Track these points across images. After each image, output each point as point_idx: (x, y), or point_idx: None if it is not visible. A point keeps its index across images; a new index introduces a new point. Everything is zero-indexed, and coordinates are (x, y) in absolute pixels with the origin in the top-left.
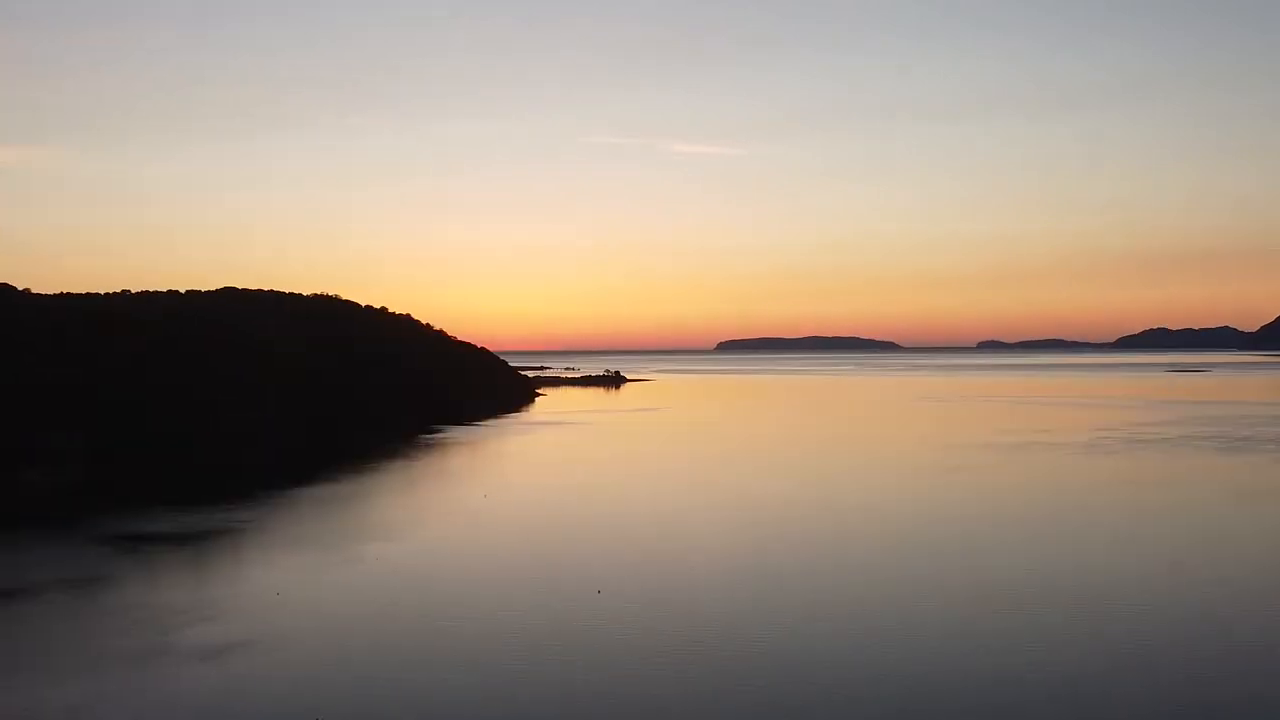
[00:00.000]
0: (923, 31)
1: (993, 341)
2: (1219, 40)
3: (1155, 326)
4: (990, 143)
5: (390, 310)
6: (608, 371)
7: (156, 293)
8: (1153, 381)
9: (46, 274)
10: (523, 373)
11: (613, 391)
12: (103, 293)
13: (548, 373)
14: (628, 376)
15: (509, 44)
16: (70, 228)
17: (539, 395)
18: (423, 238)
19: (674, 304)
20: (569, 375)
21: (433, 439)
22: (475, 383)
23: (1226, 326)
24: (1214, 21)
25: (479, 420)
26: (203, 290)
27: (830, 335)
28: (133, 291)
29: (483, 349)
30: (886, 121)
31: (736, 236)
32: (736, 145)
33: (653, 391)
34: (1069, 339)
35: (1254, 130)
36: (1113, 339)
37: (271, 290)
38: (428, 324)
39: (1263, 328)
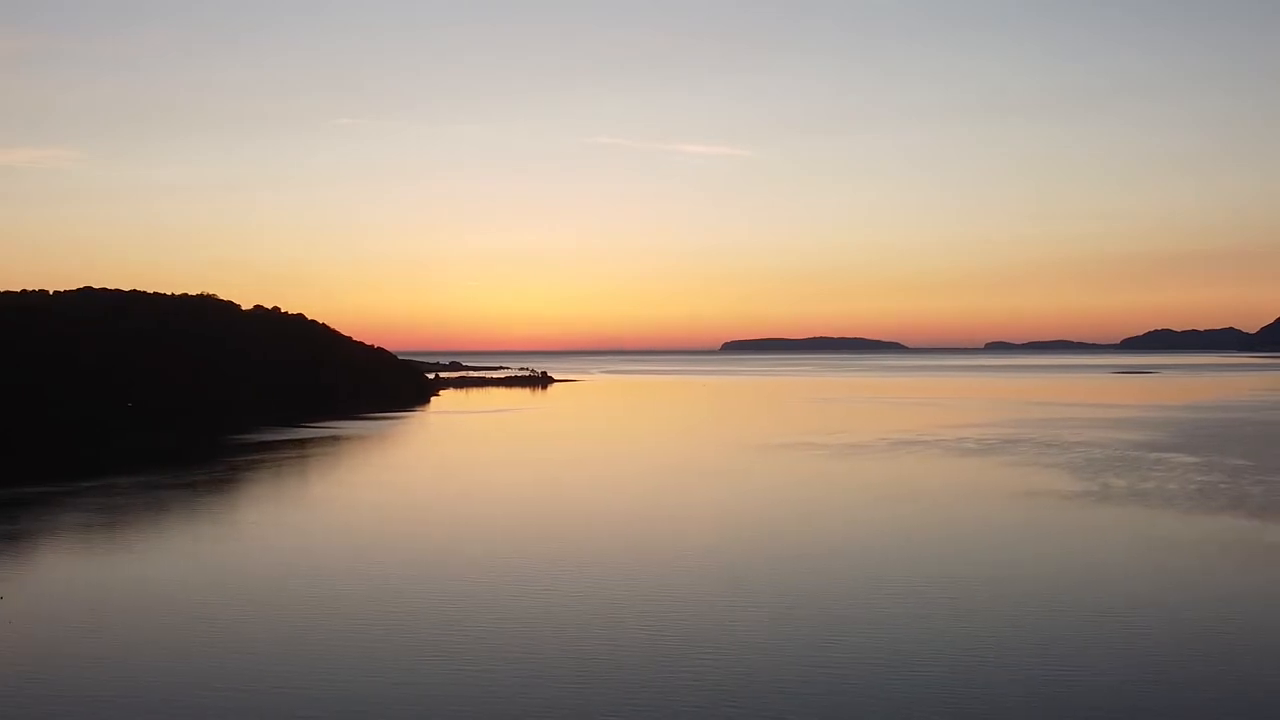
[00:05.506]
0: (925, 33)
1: (999, 343)
2: (1219, 40)
3: (1160, 328)
4: (993, 144)
5: (282, 310)
6: (533, 372)
7: (12, 292)
8: (1071, 384)
9: (60, 273)
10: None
11: (527, 392)
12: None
13: (499, 373)
14: (555, 377)
15: (511, 47)
16: (77, 228)
17: (436, 396)
18: (425, 240)
19: (680, 305)
20: (494, 376)
21: (235, 439)
22: (364, 383)
23: (1229, 328)
24: (1214, 21)
25: (334, 420)
26: (52, 291)
27: (836, 336)
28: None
29: (379, 349)
30: (890, 122)
31: (742, 237)
32: (742, 146)
33: (568, 393)
34: (1075, 340)
35: (1255, 131)
36: (1117, 340)
37: (134, 290)
38: (323, 324)
39: (1263, 329)
